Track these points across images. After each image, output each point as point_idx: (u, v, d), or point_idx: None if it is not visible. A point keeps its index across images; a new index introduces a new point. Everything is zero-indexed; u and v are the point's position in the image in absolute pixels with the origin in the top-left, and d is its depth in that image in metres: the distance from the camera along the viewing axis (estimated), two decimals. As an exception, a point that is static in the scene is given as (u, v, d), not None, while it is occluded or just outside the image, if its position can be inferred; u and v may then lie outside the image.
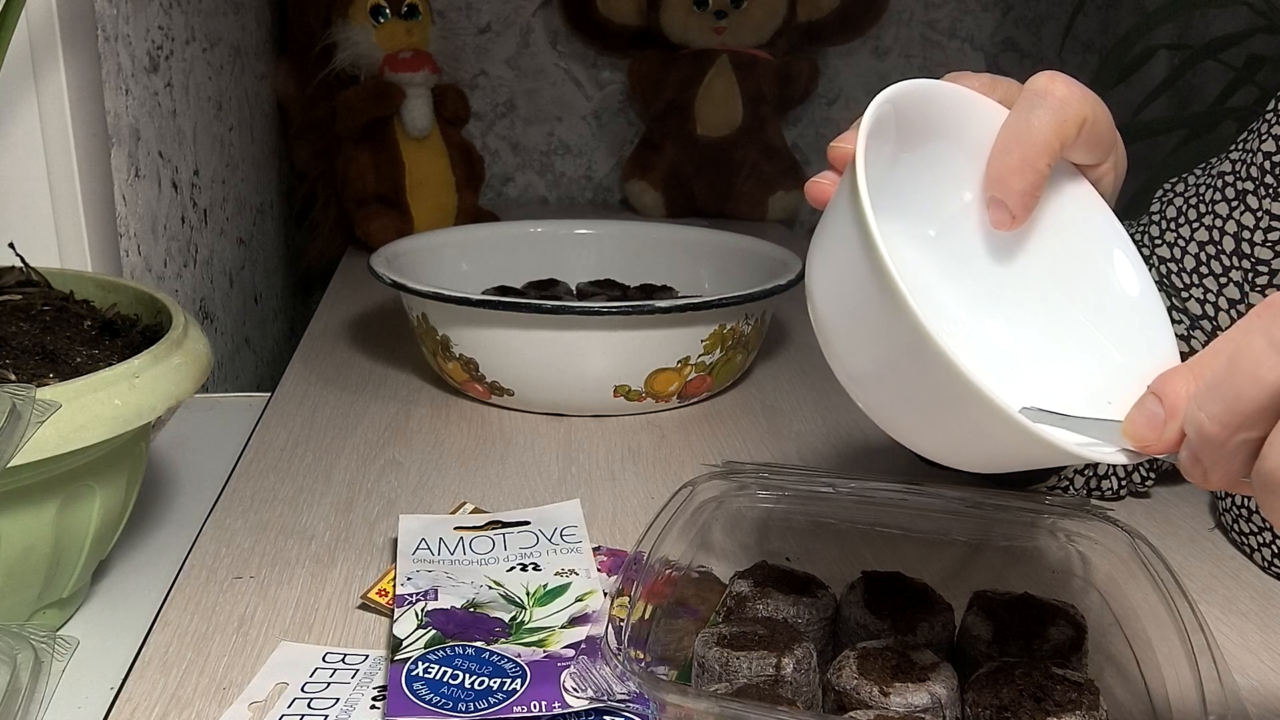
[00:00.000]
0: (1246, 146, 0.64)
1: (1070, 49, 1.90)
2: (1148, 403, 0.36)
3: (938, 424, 0.38)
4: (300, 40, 1.46)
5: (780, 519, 0.60)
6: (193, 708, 0.48)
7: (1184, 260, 0.65)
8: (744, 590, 0.52)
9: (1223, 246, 0.64)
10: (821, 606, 0.51)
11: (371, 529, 0.65)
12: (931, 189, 0.44)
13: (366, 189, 1.40)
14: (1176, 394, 0.36)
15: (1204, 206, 0.65)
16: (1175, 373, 0.36)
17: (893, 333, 0.36)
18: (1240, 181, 0.63)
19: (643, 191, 1.65)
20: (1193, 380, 0.35)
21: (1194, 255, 0.65)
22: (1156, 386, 0.36)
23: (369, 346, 0.99)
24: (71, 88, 0.73)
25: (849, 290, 0.38)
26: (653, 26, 1.66)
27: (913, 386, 0.37)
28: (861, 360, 0.39)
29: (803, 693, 0.45)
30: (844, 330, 0.39)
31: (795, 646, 0.46)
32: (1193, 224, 0.65)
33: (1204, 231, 0.64)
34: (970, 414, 0.35)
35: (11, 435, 0.43)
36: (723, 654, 0.46)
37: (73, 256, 0.75)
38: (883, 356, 0.37)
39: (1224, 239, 0.64)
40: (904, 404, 0.38)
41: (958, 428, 0.37)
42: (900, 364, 0.37)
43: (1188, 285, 0.65)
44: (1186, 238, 0.65)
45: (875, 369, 0.38)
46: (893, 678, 0.45)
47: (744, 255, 0.98)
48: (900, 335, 0.35)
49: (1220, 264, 0.64)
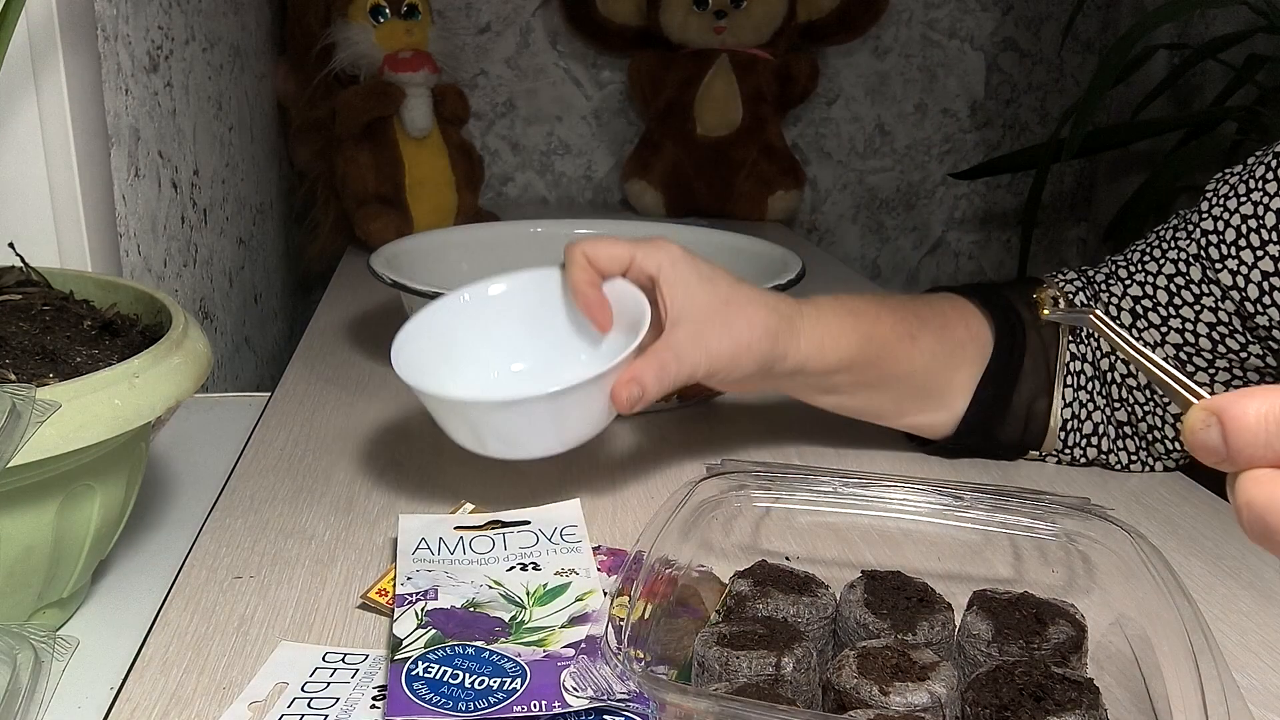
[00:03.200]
0: None
1: (1070, 49, 1.90)
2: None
3: (509, 431, 0.63)
4: (300, 40, 1.46)
5: (780, 519, 0.60)
6: (193, 708, 0.48)
7: (1225, 233, 0.67)
8: (744, 590, 0.52)
9: (1264, 221, 0.65)
10: (821, 606, 0.51)
11: (371, 529, 0.65)
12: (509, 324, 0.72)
13: (366, 189, 1.40)
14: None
15: (1253, 182, 0.67)
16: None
17: (444, 412, 0.64)
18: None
19: (643, 191, 1.65)
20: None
21: (1235, 228, 0.67)
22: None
23: (369, 346, 0.99)
24: (71, 88, 0.73)
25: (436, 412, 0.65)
26: (653, 26, 1.66)
27: (483, 425, 0.63)
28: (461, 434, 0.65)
29: (803, 692, 0.45)
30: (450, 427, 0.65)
31: (795, 646, 0.46)
32: (1240, 198, 0.67)
33: (1249, 205, 0.66)
34: (496, 417, 0.62)
35: (11, 435, 0.43)
36: (723, 653, 0.46)
37: (73, 256, 0.75)
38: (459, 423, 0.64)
39: (1267, 214, 0.65)
40: (500, 434, 0.63)
41: (511, 426, 0.63)
42: (456, 418, 0.64)
43: (1224, 256, 0.67)
44: (1232, 210, 0.67)
45: (469, 432, 0.64)
46: (893, 677, 0.45)
47: (744, 255, 0.98)
48: (442, 408, 0.64)
49: (1260, 237, 0.66)
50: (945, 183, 1.95)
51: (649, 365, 0.63)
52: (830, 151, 1.90)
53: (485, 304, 0.72)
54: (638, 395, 0.62)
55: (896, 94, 1.89)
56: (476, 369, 0.70)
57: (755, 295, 0.66)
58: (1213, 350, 0.69)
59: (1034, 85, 1.92)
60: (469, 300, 0.72)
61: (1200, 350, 0.70)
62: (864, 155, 1.91)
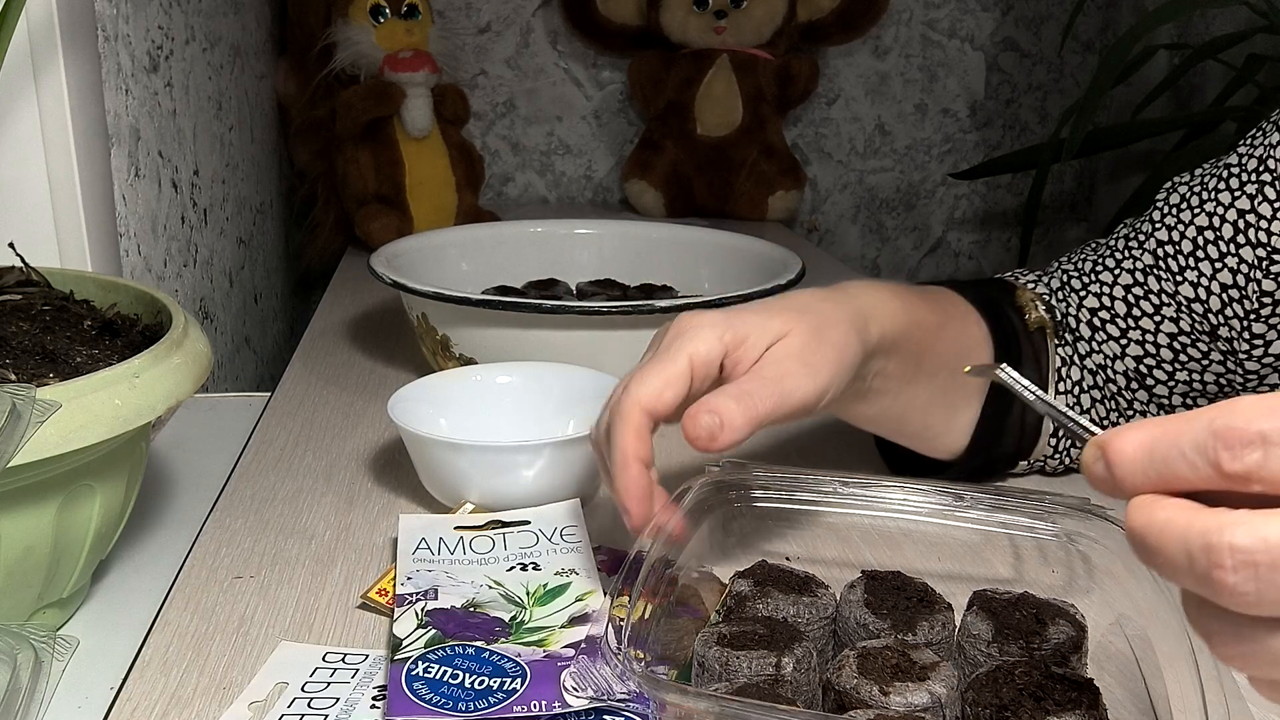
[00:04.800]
0: (1254, 140, 0.66)
1: (1070, 49, 1.90)
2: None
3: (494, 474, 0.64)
4: (300, 40, 1.46)
5: (780, 519, 0.60)
6: (193, 708, 0.48)
7: (1181, 244, 0.67)
8: (744, 590, 0.52)
9: (1221, 233, 0.65)
10: (821, 606, 0.51)
11: (371, 529, 0.65)
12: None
13: (366, 189, 1.40)
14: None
15: (1206, 193, 0.67)
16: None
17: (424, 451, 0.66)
18: (1244, 173, 0.65)
19: (643, 191, 1.65)
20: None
21: (1191, 239, 0.67)
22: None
23: (369, 346, 0.99)
24: (71, 88, 0.73)
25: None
26: (653, 26, 1.66)
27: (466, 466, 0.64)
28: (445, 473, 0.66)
29: (803, 692, 0.45)
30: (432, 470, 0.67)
31: (795, 646, 0.46)
32: (1194, 209, 0.67)
33: (1204, 217, 0.66)
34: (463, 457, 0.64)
35: (11, 435, 0.43)
36: (723, 653, 0.46)
37: (73, 256, 0.75)
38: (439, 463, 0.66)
39: (1224, 226, 0.65)
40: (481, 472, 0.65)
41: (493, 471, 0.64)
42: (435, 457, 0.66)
43: (1183, 268, 0.67)
44: (1186, 221, 0.67)
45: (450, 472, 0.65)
46: (893, 677, 0.45)
47: (744, 255, 0.98)
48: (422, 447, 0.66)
49: (1218, 249, 0.65)
50: (945, 183, 1.95)
51: (726, 392, 0.51)
52: (830, 151, 1.90)
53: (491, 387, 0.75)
54: (715, 425, 0.50)
55: (896, 94, 1.89)
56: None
57: (807, 301, 0.58)
58: (1174, 361, 0.69)
59: (1034, 85, 1.92)
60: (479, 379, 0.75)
61: (1161, 362, 0.69)
62: (864, 155, 1.91)
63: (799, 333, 0.54)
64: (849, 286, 0.61)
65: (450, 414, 0.71)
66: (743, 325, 0.54)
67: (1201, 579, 0.31)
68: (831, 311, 0.56)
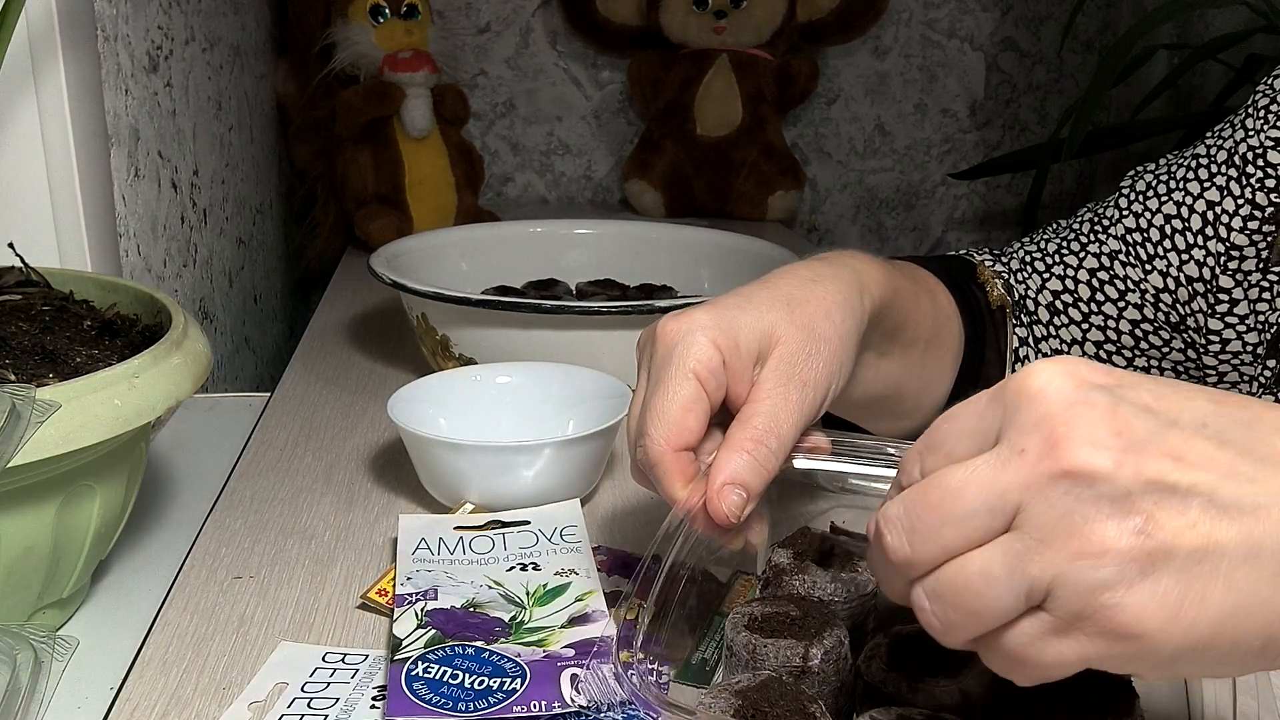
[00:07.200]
0: (1221, 134, 0.68)
1: (1070, 49, 1.90)
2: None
3: (490, 473, 0.64)
4: (300, 40, 1.46)
5: (827, 483, 0.58)
6: (193, 708, 0.48)
7: (1149, 231, 0.67)
8: (783, 562, 0.50)
9: (1189, 224, 0.66)
10: (861, 584, 0.49)
11: (371, 529, 0.65)
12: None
13: (366, 189, 1.40)
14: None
15: (1174, 182, 0.67)
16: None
17: (423, 451, 0.66)
18: (1214, 164, 0.66)
19: (642, 191, 1.65)
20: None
21: (1159, 228, 0.67)
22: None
23: (369, 346, 0.99)
24: (71, 88, 0.73)
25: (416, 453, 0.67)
26: (653, 26, 1.66)
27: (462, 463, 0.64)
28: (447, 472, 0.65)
29: (830, 683, 0.44)
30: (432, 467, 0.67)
31: (826, 634, 0.45)
32: (1161, 198, 0.67)
33: (1171, 206, 0.67)
34: (459, 456, 0.64)
35: (11, 435, 0.43)
36: (750, 640, 0.45)
37: (73, 256, 0.75)
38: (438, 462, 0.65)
39: (1192, 216, 0.66)
40: (478, 471, 0.64)
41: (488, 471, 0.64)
42: (432, 455, 0.65)
43: (1151, 257, 0.67)
44: (1154, 209, 0.67)
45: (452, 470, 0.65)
46: (924, 669, 0.43)
47: (744, 255, 0.98)
48: (421, 446, 0.66)
49: (1185, 239, 0.66)
50: (945, 183, 1.95)
51: (737, 455, 0.48)
52: (830, 151, 1.90)
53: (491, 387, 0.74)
54: (743, 500, 0.48)
55: (896, 94, 1.89)
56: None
57: (795, 287, 0.54)
58: (1134, 348, 0.69)
59: (1034, 85, 1.92)
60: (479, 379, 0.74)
61: (1122, 348, 0.69)
62: (864, 155, 1.91)
63: (790, 339, 0.51)
64: (837, 258, 0.57)
65: (450, 414, 0.71)
66: (731, 327, 0.51)
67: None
68: (822, 297, 0.53)
